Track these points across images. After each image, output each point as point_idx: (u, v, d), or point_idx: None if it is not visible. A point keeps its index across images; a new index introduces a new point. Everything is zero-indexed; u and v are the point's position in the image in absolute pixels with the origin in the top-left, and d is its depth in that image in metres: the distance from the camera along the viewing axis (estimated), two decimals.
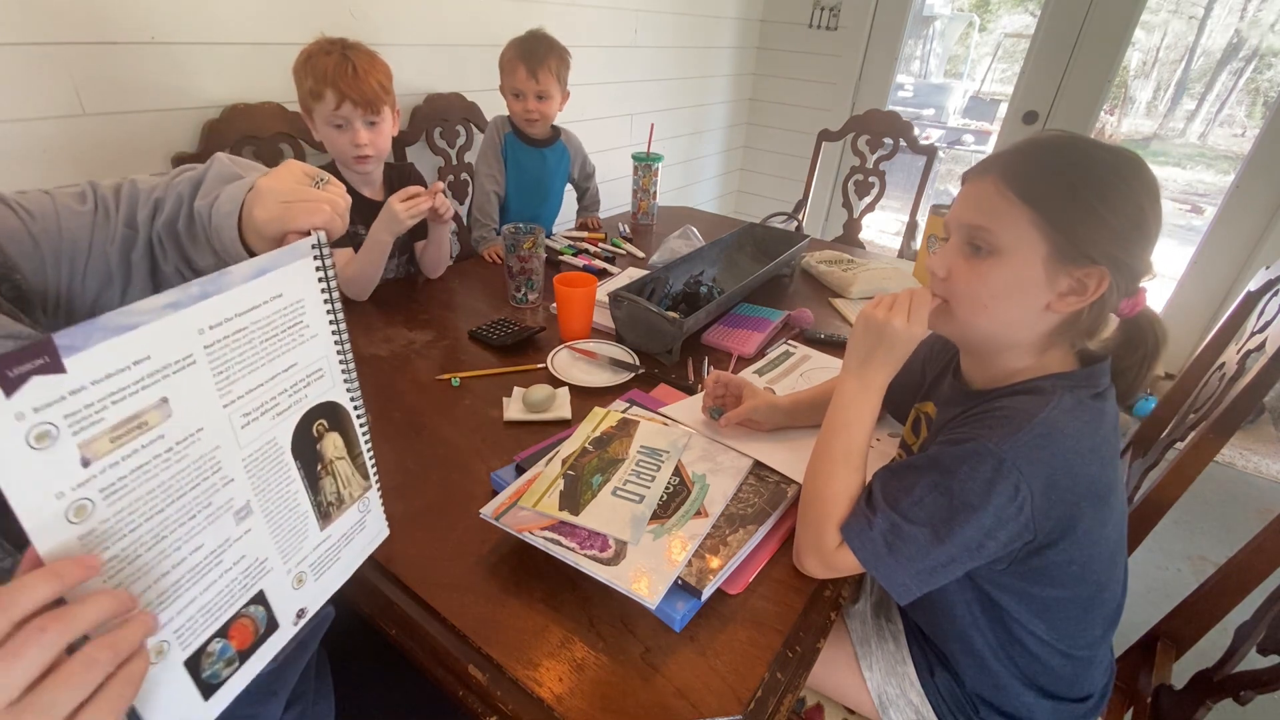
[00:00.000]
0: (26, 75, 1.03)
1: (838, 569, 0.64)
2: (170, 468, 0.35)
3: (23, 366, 0.27)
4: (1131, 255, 0.57)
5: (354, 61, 1.10)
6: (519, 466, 0.76)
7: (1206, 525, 1.87)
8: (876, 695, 0.76)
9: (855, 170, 2.14)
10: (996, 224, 0.58)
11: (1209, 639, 0.83)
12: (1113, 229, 0.56)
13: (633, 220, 1.85)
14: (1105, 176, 0.56)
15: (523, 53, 1.43)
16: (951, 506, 0.57)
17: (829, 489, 0.65)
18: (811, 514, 0.66)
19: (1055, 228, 0.56)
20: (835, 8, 2.59)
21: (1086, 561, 0.61)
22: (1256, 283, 0.99)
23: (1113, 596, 0.68)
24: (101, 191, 0.61)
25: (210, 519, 0.38)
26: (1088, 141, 0.59)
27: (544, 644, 0.58)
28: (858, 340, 0.68)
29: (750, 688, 0.55)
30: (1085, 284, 0.57)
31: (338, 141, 1.16)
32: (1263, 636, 0.74)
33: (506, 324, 1.14)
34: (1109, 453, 0.60)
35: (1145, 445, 1.09)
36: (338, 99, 1.10)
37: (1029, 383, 0.62)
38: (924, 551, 0.58)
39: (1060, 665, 0.68)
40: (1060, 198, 0.56)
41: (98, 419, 0.31)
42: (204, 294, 0.36)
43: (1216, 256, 2.29)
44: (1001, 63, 6.21)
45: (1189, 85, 6.35)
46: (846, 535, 0.63)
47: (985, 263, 0.60)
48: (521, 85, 1.45)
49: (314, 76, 1.10)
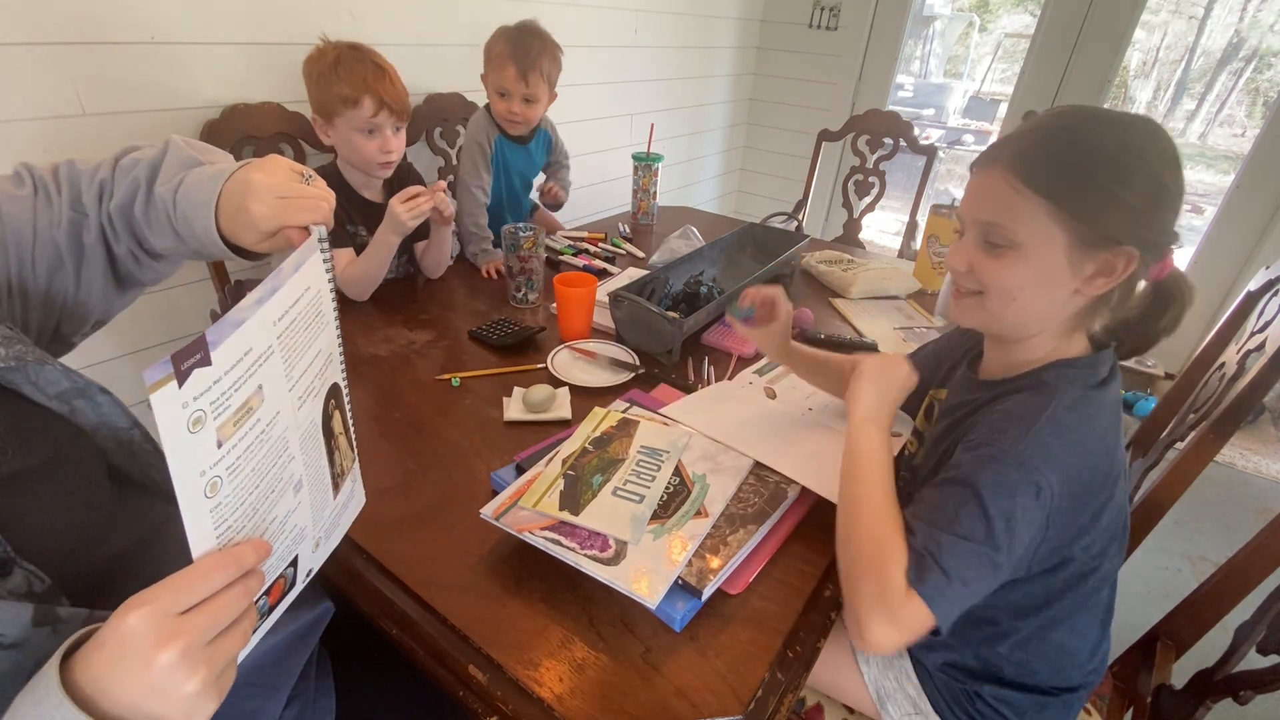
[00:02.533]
0: (26, 75, 1.03)
1: (907, 623, 0.54)
2: (264, 448, 0.39)
3: (189, 360, 0.31)
4: (1156, 229, 0.55)
5: (387, 70, 1.12)
6: (519, 466, 0.76)
7: (1206, 525, 1.87)
8: (874, 689, 0.76)
9: (855, 170, 2.14)
10: (1011, 219, 0.57)
11: (1209, 639, 0.83)
12: (1133, 208, 0.54)
13: (633, 220, 1.85)
14: (1118, 156, 0.54)
15: (514, 50, 1.34)
16: (987, 517, 0.55)
17: (877, 530, 0.59)
18: (866, 565, 0.58)
19: (1074, 217, 0.54)
20: (835, 8, 2.59)
21: (1088, 548, 0.62)
22: (1256, 283, 0.99)
23: (1109, 584, 0.69)
24: (39, 174, 0.59)
25: (281, 492, 0.42)
26: (1095, 117, 0.56)
27: (544, 644, 0.58)
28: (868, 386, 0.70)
29: (750, 688, 0.55)
30: (1113, 265, 0.56)
31: (364, 147, 1.14)
32: (1263, 636, 0.74)
33: (506, 324, 1.14)
34: (1113, 442, 0.60)
35: (1145, 445, 1.09)
36: (376, 106, 1.10)
37: (1033, 374, 0.62)
38: (974, 566, 0.54)
39: (1058, 656, 0.68)
40: (1075, 186, 0.54)
41: (227, 405, 0.35)
42: (273, 289, 0.39)
43: (1216, 256, 2.29)
44: (1001, 63, 6.20)
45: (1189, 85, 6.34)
46: (909, 575, 0.55)
47: (1006, 257, 0.58)
48: (509, 86, 1.37)
49: (349, 83, 1.09)
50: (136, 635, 0.33)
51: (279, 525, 0.42)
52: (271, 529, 0.41)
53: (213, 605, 0.35)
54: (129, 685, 0.33)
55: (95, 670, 0.33)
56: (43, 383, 0.51)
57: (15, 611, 0.39)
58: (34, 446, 0.50)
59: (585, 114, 2.13)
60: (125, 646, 0.33)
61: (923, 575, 0.54)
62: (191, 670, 0.34)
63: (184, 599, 0.34)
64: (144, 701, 0.33)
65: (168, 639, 0.33)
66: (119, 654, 0.33)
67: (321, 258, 0.46)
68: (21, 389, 0.51)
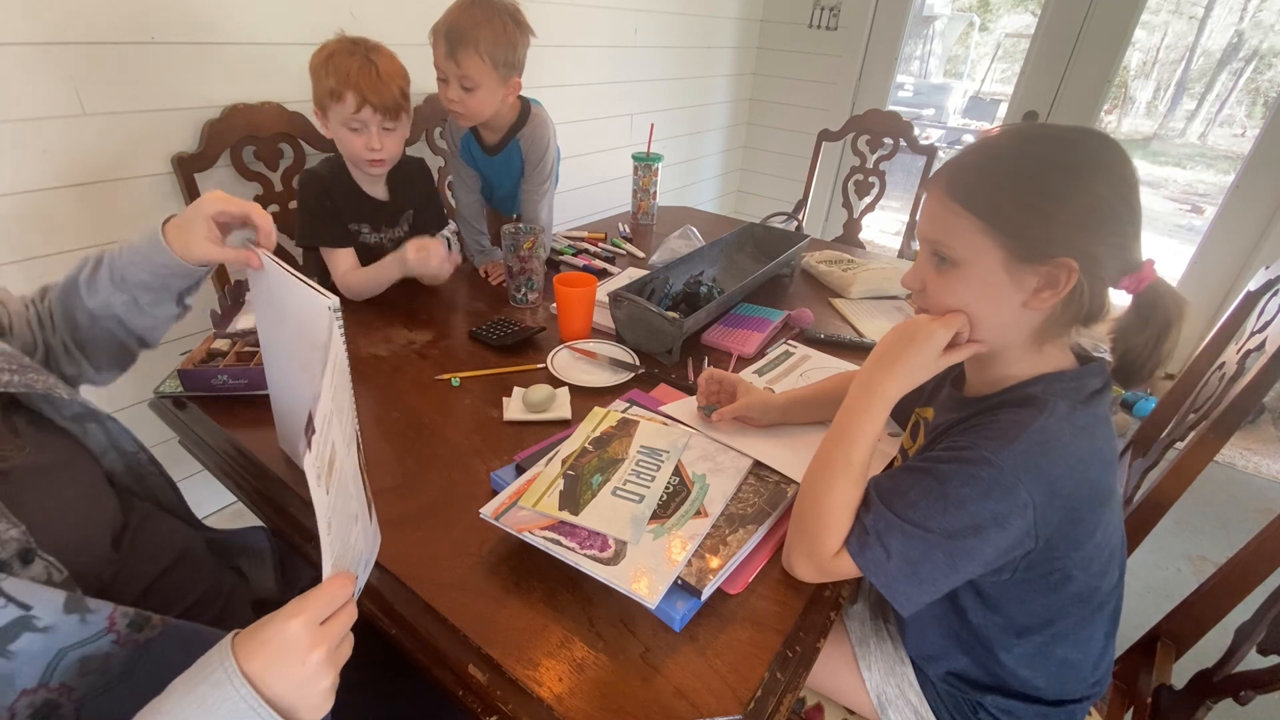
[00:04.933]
0: (26, 75, 1.03)
1: (833, 574, 0.63)
2: (341, 490, 0.45)
3: (309, 433, 0.39)
4: (1100, 241, 0.55)
5: (377, 65, 1.08)
6: (519, 466, 0.76)
7: (1206, 525, 1.87)
8: (875, 695, 0.76)
9: (855, 170, 2.14)
10: (951, 238, 0.59)
11: (1209, 639, 0.83)
12: (1066, 223, 0.55)
13: (633, 220, 1.85)
14: (1049, 174, 0.55)
15: (445, 25, 1.15)
16: (945, 509, 0.57)
17: (828, 499, 0.63)
18: (808, 522, 0.64)
19: (1005, 233, 0.56)
20: (835, 8, 2.59)
21: (1087, 565, 0.62)
22: (1256, 283, 0.99)
23: (1113, 599, 0.68)
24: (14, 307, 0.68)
25: (348, 525, 0.47)
26: (1034, 135, 0.57)
27: (544, 644, 0.58)
28: (887, 344, 0.65)
29: (750, 688, 0.55)
30: (1056, 277, 0.56)
31: (352, 143, 1.13)
32: (1263, 636, 0.74)
33: (506, 324, 1.14)
34: (1108, 456, 0.60)
35: (1145, 445, 1.09)
36: (358, 102, 1.08)
37: (1021, 388, 0.62)
38: (919, 553, 0.58)
39: (1061, 669, 0.68)
40: (1004, 204, 0.56)
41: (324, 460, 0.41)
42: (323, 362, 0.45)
43: (1216, 256, 2.29)
44: (1001, 62, 6.21)
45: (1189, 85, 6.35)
46: (848, 544, 0.61)
47: (950, 274, 0.60)
48: (439, 65, 1.18)
49: (335, 76, 1.07)
50: (296, 638, 0.40)
51: (354, 552, 0.49)
52: (344, 559, 0.47)
53: (340, 617, 0.43)
54: (286, 678, 0.39)
55: (258, 664, 0.39)
56: (59, 405, 0.57)
57: (50, 596, 0.42)
58: (50, 447, 0.55)
59: (585, 114, 2.13)
60: (286, 646, 0.40)
61: (863, 549, 0.60)
62: (331, 669, 0.41)
63: (325, 611, 0.42)
64: (292, 692, 0.40)
65: (319, 642, 0.40)
66: (280, 652, 0.39)
67: (340, 331, 0.52)
68: (41, 409, 0.57)
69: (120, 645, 0.45)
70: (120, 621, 0.45)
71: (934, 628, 0.72)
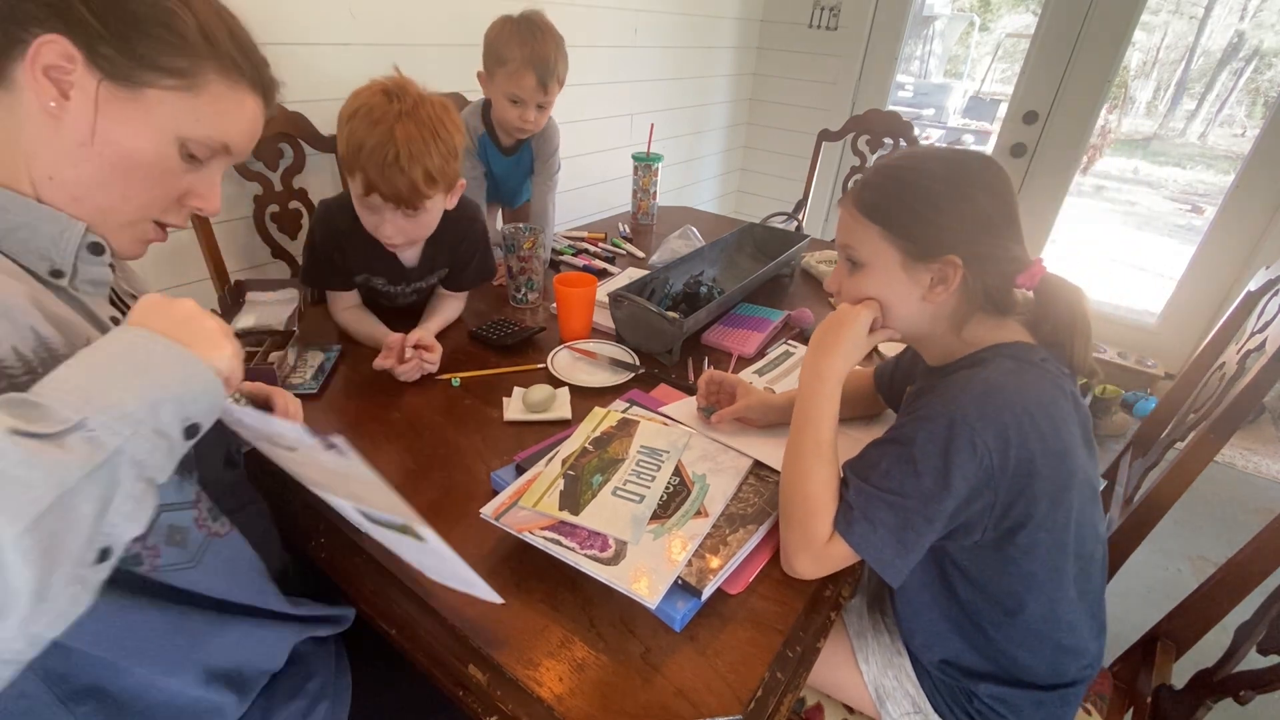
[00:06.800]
0: None
1: (830, 563, 0.65)
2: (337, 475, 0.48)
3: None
4: (982, 241, 0.64)
5: (399, 147, 0.85)
6: (519, 466, 0.76)
7: (1206, 525, 1.87)
8: (873, 687, 0.76)
9: (855, 170, 2.14)
10: (858, 243, 0.69)
11: (1209, 639, 0.83)
12: (949, 226, 0.64)
13: (633, 220, 1.85)
14: (933, 185, 0.65)
15: (533, 56, 1.22)
16: (917, 472, 0.61)
17: (808, 486, 0.66)
18: (796, 513, 0.66)
19: (899, 235, 0.66)
20: (835, 8, 2.59)
21: (1052, 528, 0.63)
22: (1256, 283, 0.99)
23: (1094, 580, 0.70)
24: None
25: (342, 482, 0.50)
26: (926, 155, 0.68)
27: (544, 644, 0.58)
28: (823, 330, 0.72)
29: (750, 687, 0.55)
30: (945, 273, 0.65)
31: (367, 220, 0.96)
32: (1263, 636, 0.74)
33: (506, 324, 1.14)
34: (1058, 415, 0.62)
35: (1145, 445, 1.09)
36: (365, 186, 0.88)
37: (972, 355, 0.68)
38: (901, 520, 0.61)
39: (1054, 653, 0.69)
40: (896, 211, 0.66)
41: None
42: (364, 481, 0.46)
43: (1216, 256, 2.29)
44: (1002, 62, 6.20)
45: (1189, 85, 6.35)
46: (836, 524, 0.64)
47: (859, 274, 0.70)
48: (526, 95, 1.26)
49: (349, 145, 0.87)
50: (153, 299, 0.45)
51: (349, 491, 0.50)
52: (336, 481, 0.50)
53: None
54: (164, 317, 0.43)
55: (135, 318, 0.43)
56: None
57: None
58: None
59: (585, 114, 2.12)
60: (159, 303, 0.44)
61: (849, 526, 0.63)
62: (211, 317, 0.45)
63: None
64: (176, 328, 0.43)
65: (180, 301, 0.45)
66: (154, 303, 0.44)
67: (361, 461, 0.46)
68: None
69: (199, 527, 0.51)
70: (203, 504, 0.51)
71: (928, 611, 0.73)
